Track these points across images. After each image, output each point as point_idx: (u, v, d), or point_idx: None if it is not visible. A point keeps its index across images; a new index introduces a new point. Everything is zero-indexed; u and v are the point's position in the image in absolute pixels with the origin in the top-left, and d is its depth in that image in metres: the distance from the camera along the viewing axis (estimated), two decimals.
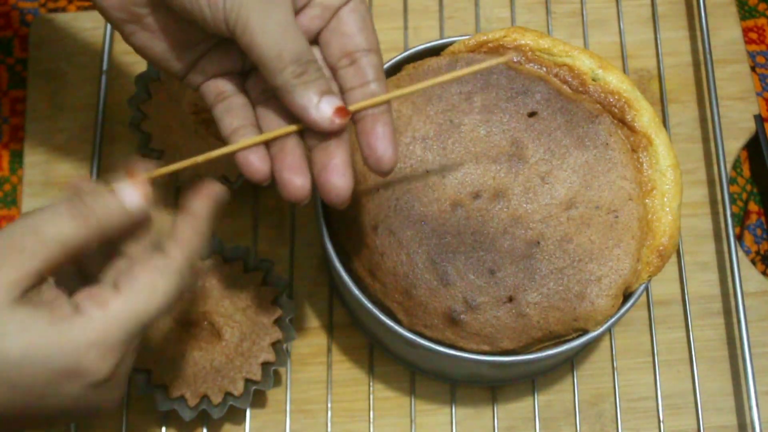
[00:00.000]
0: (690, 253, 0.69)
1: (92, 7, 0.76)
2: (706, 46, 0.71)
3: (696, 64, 0.74)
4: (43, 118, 0.71)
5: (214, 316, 0.61)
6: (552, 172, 0.56)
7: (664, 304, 0.67)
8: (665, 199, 0.56)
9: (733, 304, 0.67)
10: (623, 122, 0.58)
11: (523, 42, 0.59)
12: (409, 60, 0.61)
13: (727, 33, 0.75)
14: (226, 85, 0.49)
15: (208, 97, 0.49)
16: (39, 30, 0.74)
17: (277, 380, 0.64)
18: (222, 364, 0.60)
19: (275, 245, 0.68)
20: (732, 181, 0.73)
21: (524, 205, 0.56)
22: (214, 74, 0.49)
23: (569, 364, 0.65)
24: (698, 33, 0.74)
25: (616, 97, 0.58)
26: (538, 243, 0.55)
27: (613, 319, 0.55)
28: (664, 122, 0.71)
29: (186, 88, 0.67)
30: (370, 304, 0.56)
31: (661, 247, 0.56)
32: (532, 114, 0.57)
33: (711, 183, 0.71)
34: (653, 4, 0.75)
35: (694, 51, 0.75)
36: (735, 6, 0.76)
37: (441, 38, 0.62)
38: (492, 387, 0.65)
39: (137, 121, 0.67)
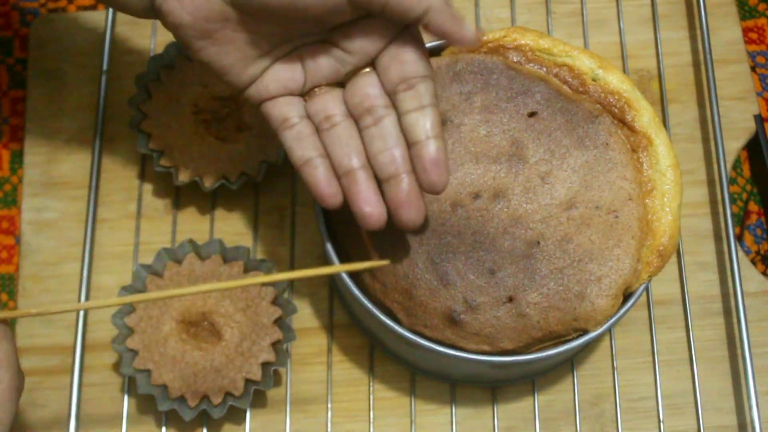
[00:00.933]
0: (690, 253, 0.69)
1: (92, 7, 0.77)
2: (706, 46, 0.71)
3: (696, 64, 0.74)
4: (43, 118, 0.71)
5: (214, 316, 0.61)
6: (552, 172, 0.56)
7: (664, 304, 0.67)
8: (665, 199, 0.56)
9: (733, 304, 0.67)
10: (623, 122, 0.58)
11: (523, 42, 0.59)
12: None
13: (727, 33, 0.75)
14: (291, 110, 0.51)
15: (273, 120, 0.52)
16: (39, 30, 0.74)
17: (277, 380, 0.64)
18: (222, 364, 0.60)
19: (275, 245, 0.68)
20: (732, 181, 0.73)
21: (524, 205, 0.56)
22: (277, 92, 0.51)
23: (569, 364, 0.65)
24: (698, 33, 0.74)
25: (616, 97, 0.58)
26: (538, 243, 0.55)
27: (613, 319, 0.55)
28: (664, 122, 0.71)
29: (186, 87, 0.67)
30: (370, 304, 0.56)
31: (661, 247, 0.56)
32: (532, 114, 0.57)
33: (711, 183, 0.71)
34: (653, 4, 0.75)
35: (694, 51, 0.75)
36: (735, 6, 0.76)
37: None
38: (492, 387, 0.65)
39: (137, 121, 0.67)
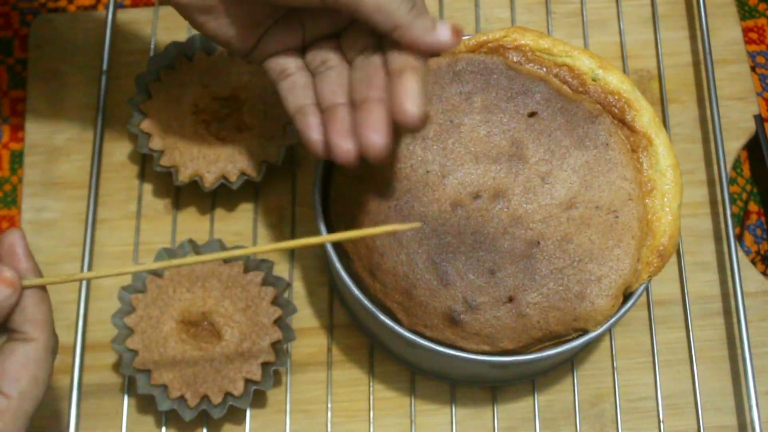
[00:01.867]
0: (690, 253, 0.69)
1: (92, 7, 0.77)
2: (706, 46, 0.71)
3: (696, 64, 0.74)
4: (43, 118, 0.71)
5: (214, 316, 0.61)
6: (552, 172, 0.56)
7: (664, 304, 0.67)
8: (665, 199, 0.56)
9: (733, 304, 0.67)
10: (623, 122, 0.58)
11: (523, 42, 0.59)
12: None
13: (727, 33, 0.75)
14: (288, 62, 0.54)
15: (272, 73, 0.54)
16: (39, 30, 0.74)
17: (277, 380, 0.64)
18: (222, 364, 0.60)
19: None
20: (732, 181, 0.73)
21: (524, 206, 0.56)
22: (276, 51, 0.54)
23: (569, 364, 0.65)
24: (698, 33, 0.74)
25: (616, 97, 0.58)
26: (538, 243, 0.55)
27: (613, 319, 0.55)
28: (664, 122, 0.71)
29: (186, 87, 0.67)
30: (370, 304, 0.56)
31: (661, 247, 0.56)
32: (532, 114, 0.57)
33: (711, 183, 0.71)
34: (653, 4, 0.75)
35: (694, 51, 0.75)
36: (735, 6, 0.76)
37: None
38: (492, 387, 0.65)
39: (137, 121, 0.67)
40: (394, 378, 0.65)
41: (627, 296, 0.56)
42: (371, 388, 0.65)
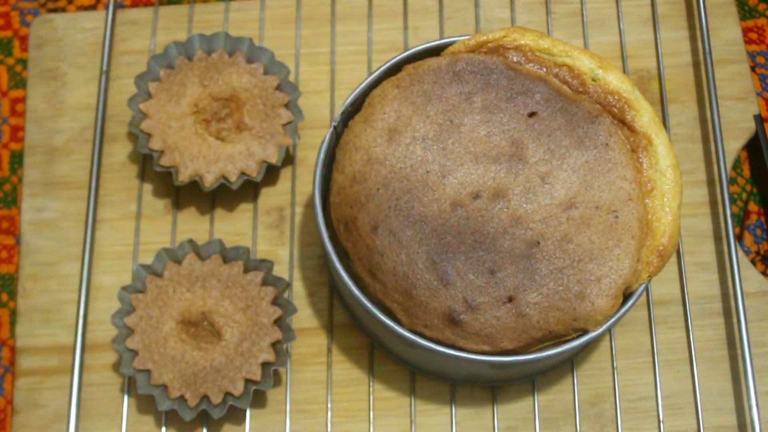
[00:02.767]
0: (690, 253, 0.69)
1: (92, 7, 0.77)
2: (706, 46, 0.71)
3: (696, 64, 0.74)
4: (43, 118, 0.71)
5: (214, 316, 0.61)
6: (552, 172, 0.56)
7: (664, 304, 0.67)
8: (665, 199, 0.56)
9: (733, 304, 0.67)
10: (623, 122, 0.58)
11: (523, 42, 0.59)
12: (409, 60, 0.61)
13: (727, 33, 0.75)
14: None
15: None
16: (39, 30, 0.74)
17: (277, 380, 0.64)
18: (222, 364, 0.60)
19: (275, 245, 0.68)
20: (732, 181, 0.73)
21: (524, 206, 0.56)
22: None
23: (569, 364, 0.65)
24: (698, 33, 0.74)
25: (616, 97, 0.58)
26: (538, 243, 0.55)
27: (613, 319, 0.55)
28: (664, 122, 0.71)
29: (186, 87, 0.67)
30: (370, 304, 0.56)
31: (661, 247, 0.56)
32: (532, 114, 0.57)
33: (711, 183, 0.71)
34: (653, 4, 0.75)
35: (694, 51, 0.75)
36: (735, 6, 0.76)
37: (441, 38, 0.62)
38: (492, 387, 0.65)
39: (137, 121, 0.67)
40: (394, 378, 0.65)
41: (627, 296, 0.56)
42: (371, 388, 0.65)
